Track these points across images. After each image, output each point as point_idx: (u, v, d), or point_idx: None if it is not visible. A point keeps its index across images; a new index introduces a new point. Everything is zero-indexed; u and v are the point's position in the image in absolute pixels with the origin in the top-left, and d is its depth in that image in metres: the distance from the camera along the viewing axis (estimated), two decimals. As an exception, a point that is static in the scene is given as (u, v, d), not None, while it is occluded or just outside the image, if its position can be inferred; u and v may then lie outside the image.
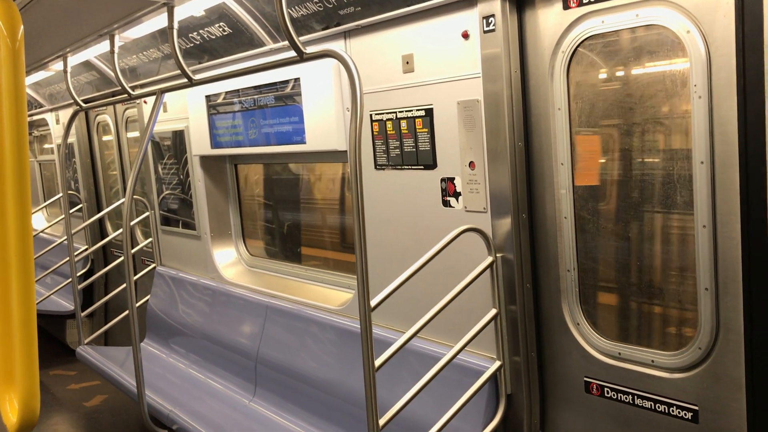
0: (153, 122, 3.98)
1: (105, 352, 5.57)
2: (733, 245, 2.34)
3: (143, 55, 5.07)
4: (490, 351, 3.12)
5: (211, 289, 5.26)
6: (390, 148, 3.51)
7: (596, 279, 2.84)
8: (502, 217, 3.00)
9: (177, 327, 5.47)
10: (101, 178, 7.38)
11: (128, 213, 4.06)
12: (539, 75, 2.85)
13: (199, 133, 4.97)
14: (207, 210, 5.26)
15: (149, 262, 6.21)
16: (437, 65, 3.18)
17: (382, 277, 3.38)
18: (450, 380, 3.14)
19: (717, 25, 2.29)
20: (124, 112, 6.56)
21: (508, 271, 3.00)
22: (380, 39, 3.44)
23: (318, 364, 4.08)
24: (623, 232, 2.72)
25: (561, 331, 2.92)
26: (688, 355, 2.51)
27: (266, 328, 4.54)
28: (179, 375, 5.14)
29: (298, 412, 4.16)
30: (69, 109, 7.20)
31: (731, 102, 2.28)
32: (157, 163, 5.78)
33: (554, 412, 3.03)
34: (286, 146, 4.18)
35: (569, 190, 2.81)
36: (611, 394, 2.77)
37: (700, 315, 2.46)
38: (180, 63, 3.55)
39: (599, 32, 2.62)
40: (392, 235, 3.60)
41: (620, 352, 2.72)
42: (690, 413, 2.52)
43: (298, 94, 3.98)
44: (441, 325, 3.21)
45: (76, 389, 6.59)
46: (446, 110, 3.18)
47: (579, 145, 2.79)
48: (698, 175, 2.39)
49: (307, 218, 5.05)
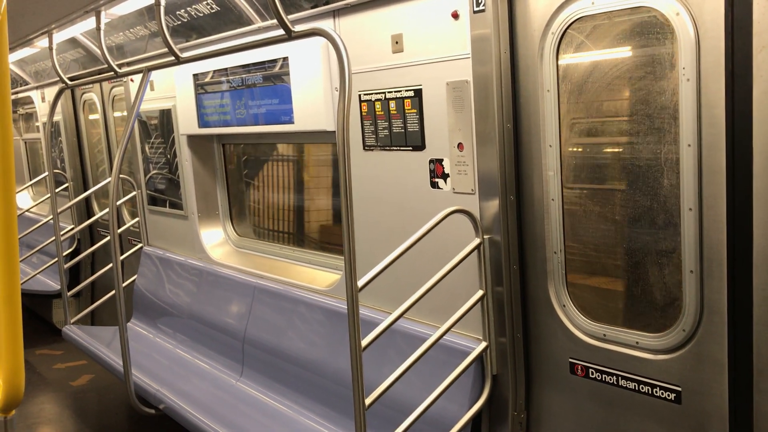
0: (139, 101, 3.95)
1: (91, 331, 5.56)
2: (719, 228, 2.36)
3: (130, 32, 5.01)
4: (477, 332, 3.13)
5: (198, 269, 5.24)
6: (379, 128, 3.50)
7: (583, 261, 2.85)
8: (489, 199, 3.00)
9: (164, 307, 5.46)
10: (88, 157, 7.32)
11: (114, 192, 4.04)
12: (529, 56, 2.84)
13: (187, 112, 4.93)
14: (194, 190, 5.24)
15: (136, 241, 6.18)
16: (426, 45, 3.16)
17: (370, 257, 3.39)
18: (437, 361, 3.16)
19: (706, 8, 2.28)
20: (110, 90, 6.49)
21: (495, 253, 3.01)
22: (369, 18, 3.41)
23: (305, 345, 4.09)
24: (610, 214, 2.73)
25: (547, 312, 2.94)
26: (672, 337, 2.53)
27: (254, 309, 4.54)
28: (166, 355, 5.14)
29: (285, 391, 4.17)
30: (55, 87, 7.12)
31: (719, 85, 2.28)
32: (144, 142, 5.73)
33: (539, 393, 3.05)
34: (274, 126, 4.16)
35: (557, 172, 2.82)
36: (596, 375, 2.79)
37: (685, 297, 2.48)
38: (167, 40, 3.51)
39: (589, 14, 2.61)
40: (380, 216, 3.60)
41: (605, 334, 2.74)
42: (673, 394, 2.55)
43: (286, 73, 3.95)
44: (428, 306, 3.23)
45: (63, 369, 6.57)
46: (435, 91, 3.16)
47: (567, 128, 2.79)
48: (685, 157, 2.40)
49: (296, 199, 5.04)
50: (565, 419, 2.95)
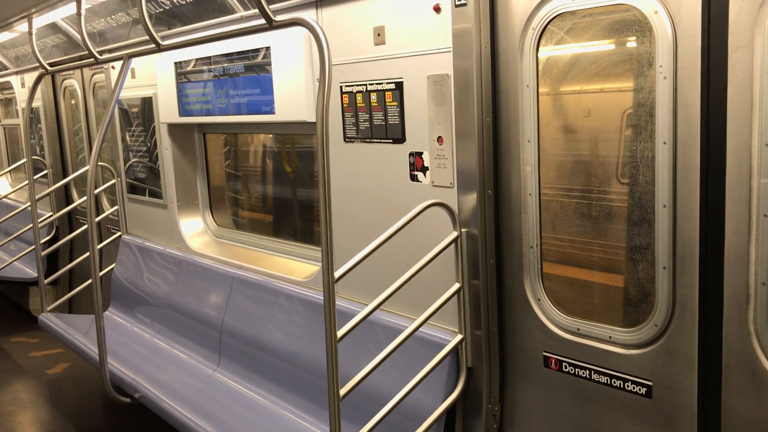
0: (119, 88, 3.91)
1: (68, 319, 5.52)
2: (692, 225, 2.38)
3: (111, 19, 4.96)
4: (453, 325, 3.15)
5: (177, 258, 5.22)
6: (359, 120, 3.50)
7: (559, 256, 2.88)
8: (468, 193, 3.01)
9: (142, 296, 5.44)
10: (68, 144, 7.25)
11: (93, 180, 4.00)
12: (509, 51, 2.85)
13: (168, 100, 4.90)
14: (174, 179, 5.21)
15: (115, 230, 6.14)
16: (408, 38, 3.16)
17: (349, 249, 3.39)
18: (414, 353, 3.17)
19: (684, 7, 2.30)
20: (91, 77, 6.43)
21: (473, 247, 3.02)
22: (352, 9, 3.41)
23: (283, 336, 4.09)
24: (586, 210, 2.75)
25: (522, 306, 2.96)
26: (645, 332, 2.56)
27: (232, 299, 4.53)
28: (143, 344, 5.11)
29: (262, 382, 4.17)
30: (35, 73, 7.04)
31: (695, 83, 2.30)
32: (124, 130, 5.69)
33: (513, 386, 3.08)
34: (255, 116, 4.14)
35: (535, 167, 2.83)
36: (569, 369, 2.82)
37: (658, 293, 2.51)
38: (147, 27, 3.49)
39: (569, 10, 2.63)
40: (360, 209, 3.60)
41: (579, 328, 2.77)
42: (644, 389, 2.58)
43: (268, 63, 3.94)
44: (407, 299, 3.24)
45: (39, 357, 6.52)
46: (416, 84, 3.17)
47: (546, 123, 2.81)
48: (660, 155, 2.42)
49: (277, 190, 5.03)
50: (539, 412, 2.98)
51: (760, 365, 2.26)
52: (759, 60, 2.15)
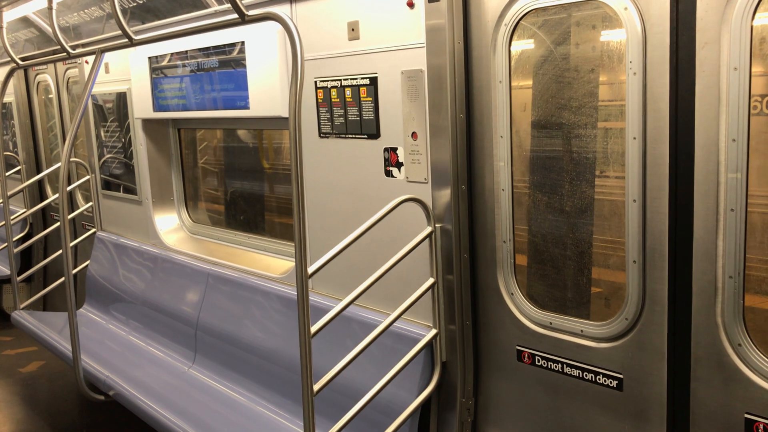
0: (92, 83, 3.87)
1: (42, 317, 5.46)
2: (661, 219, 2.41)
3: (84, 13, 4.90)
4: (427, 319, 3.16)
5: (152, 255, 5.18)
6: (334, 116, 3.49)
7: (531, 250, 2.90)
8: (442, 188, 3.02)
9: (117, 293, 5.39)
10: (41, 139, 7.16)
11: (65, 176, 3.96)
12: (482, 47, 2.86)
13: (142, 95, 4.85)
14: (149, 175, 5.16)
15: (90, 226, 6.07)
16: (382, 34, 3.16)
17: (324, 245, 3.39)
18: (389, 348, 3.18)
19: (653, 3, 2.33)
20: (65, 72, 6.35)
21: (447, 242, 3.03)
22: (326, 4, 3.40)
23: (259, 332, 4.07)
24: (558, 204, 2.77)
25: (496, 300, 2.98)
26: (615, 325, 2.58)
27: (207, 295, 4.50)
28: (118, 341, 5.07)
29: (238, 379, 4.15)
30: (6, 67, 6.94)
31: (664, 79, 2.33)
32: (99, 126, 5.63)
33: (487, 380, 3.09)
34: (229, 111, 4.12)
35: (508, 163, 2.85)
36: (542, 363, 2.84)
37: (628, 286, 2.53)
38: (120, 21, 3.45)
39: (541, 6, 2.64)
40: (335, 204, 3.60)
41: (551, 322, 2.79)
42: (615, 381, 2.61)
43: (243, 58, 3.91)
44: (382, 294, 3.24)
45: (12, 355, 6.44)
46: (391, 79, 3.17)
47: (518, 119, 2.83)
48: (630, 150, 2.45)
49: (252, 186, 5.00)
50: (513, 406, 3.00)
51: (728, 357, 2.30)
52: (726, 56, 2.18)
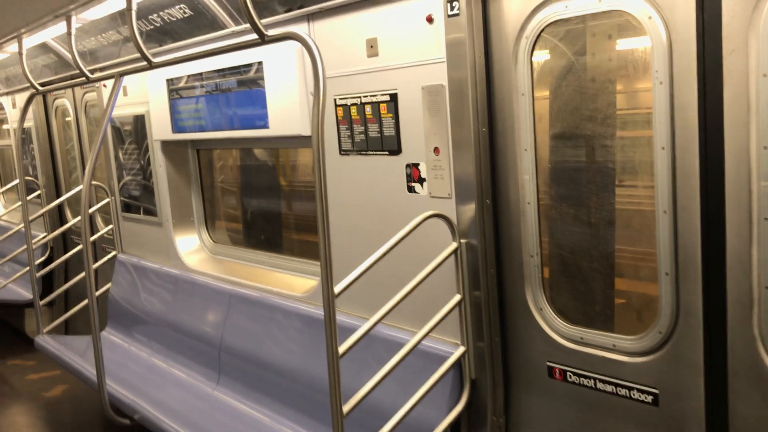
0: (111, 106, 3.89)
1: (65, 341, 5.46)
2: (693, 231, 2.37)
3: (102, 37, 4.94)
4: (455, 337, 3.12)
5: (173, 276, 5.18)
6: (355, 133, 3.48)
7: (559, 264, 2.86)
8: (466, 203, 2.99)
9: (139, 315, 5.39)
10: (60, 163, 7.21)
11: (87, 199, 3.97)
12: (503, 60, 2.84)
13: (160, 117, 4.87)
14: (169, 196, 5.17)
15: (110, 249, 6.09)
16: (401, 49, 3.15)
17: (347, 263, 3.36)
18: (415, 366, 3.14)
19: (678, 11, 2.30)
20: (83, 96, 6.40)
21: (473, 257, 3.00)
22: (344, 22, 3.39)
23: (283, 352, 4.05)
24: (585, 217, 2.73)
25: (524, 316, 2.94)
26: (649, 339, 2.54)
27: (230, 316, 4.49)
28: (141, 364, 5.06)
29: (263, 399, 4.12)
30: (26, 93, 7.01)
31: (691, 87, 2.29)
32: (117, 148, 5.66)
33: (518, 397, 3.05)
34: (248, 131, 4.12)
35: (533, 176, 2.82)
36: (574, 379, 2.79)
37: (661, 299, 2.49)
38: (139, 45, 3.47)
39: (563, 17, 2.62)
40: (357, 221, 3.58)
41: (582, 337, 2.74)
42: (650, 396, 2.55)
43: (261, 78, 3.92)
44: (407, 311, 3.21)
45: (35, 379, 6.46)
46: (411, 95, 3.15)
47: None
48: (659, 160, 2.41)
49: (272, 204, 5.00)
50: (544, 423, 2.95)
51: (766, 370, 2.24)
52: (754, 63, 2.14)
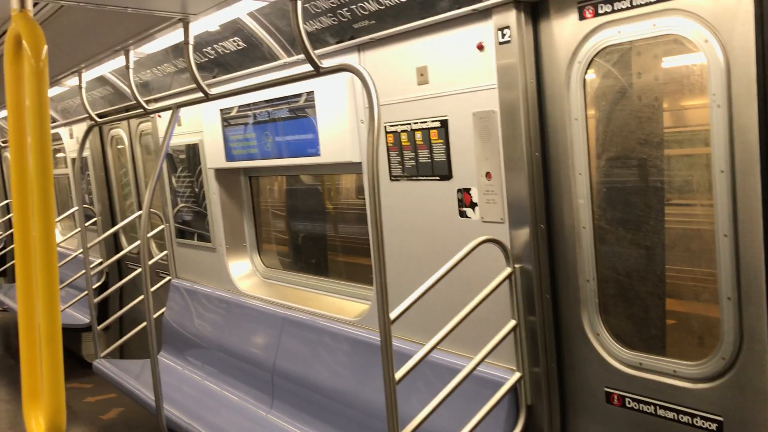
0: (169, 137, 4.00)
1: (121, 364, 5.59)
2: (756, 254, 2.33)
3: (157, 69, 5.10)
4: (510, 362, 3.10)
5: (226, 301, 5.27)
6: (405, 159, 3.52)
7: (615, 288, 2.83)
8: (519, 228, 2.99)
9: (192, 339, 5.48)
10: (115, 191, 7.42)
11: (146, 226, 4.08)
12: (555, 85, 2.85)
13: (214, 146, 4.99)
14: (222, 222, 5.28)
15: (164, 274, 6.23)
16: (452, 77, 3.18)
17: (399, 287, 3.38)
18: (469, 392, 3.13)
19: (735, 34, 2.28)
20: (138, 125, 6.60)
21: (527, 282, 2.99)
22: (394, 51, 3.45)
23: (334, 376, 4.07)
24: (642, 240, 2.71)
25: (581, 341, 2.91)
26: (711, 365, 2.49)
27: (282, 340, 4.54)
28: (195, 387, 5.14)
29: (316, 423, 4.15)
30: (82, 124, 7.25)
31: (752, 110, 2.27)
32: (171, 176, 5.81)
33: (575, 424, 3.01)
34: (300, 158, 4.19)
35: (587, 200, 2.80)
36: (633, 405, 2.75)
37: (723, 324, 2.44)
38: (196, 79, 3.57)
39: (615, 42, 2.62)
40: (408, 246, 3.60)
41: (641, 362, 2.70)
42: (715, 424, 2.50)
43: (312, 106, 4.00)
44: (458, 336, 3.19)
45: (93, 402, 6.60)
46: (461, 121, 3.18)
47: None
48: (718, 183, 2.38)
49: (323, 229, 5.06)
50: (603, 450, 2.90)
51: (838, 397, 2.18)
52: (816, 84, 2.11)
